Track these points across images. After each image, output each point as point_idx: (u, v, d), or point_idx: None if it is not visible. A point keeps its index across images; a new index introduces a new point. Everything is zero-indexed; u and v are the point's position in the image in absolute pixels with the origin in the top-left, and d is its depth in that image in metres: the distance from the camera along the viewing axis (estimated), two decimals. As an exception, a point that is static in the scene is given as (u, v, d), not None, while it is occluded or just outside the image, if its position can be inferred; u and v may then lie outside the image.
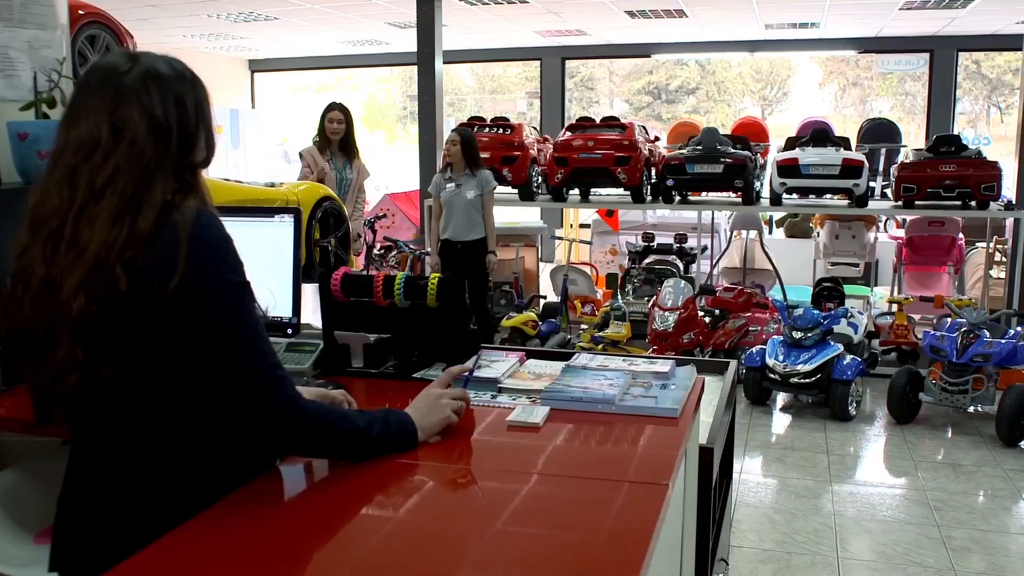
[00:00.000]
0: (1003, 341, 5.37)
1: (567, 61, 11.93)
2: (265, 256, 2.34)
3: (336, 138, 6.23)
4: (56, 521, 1.62)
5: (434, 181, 6.60)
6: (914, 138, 11.79)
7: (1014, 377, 5.49)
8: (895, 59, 11.18)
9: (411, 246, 7.47)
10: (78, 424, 1.58)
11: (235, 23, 9.27)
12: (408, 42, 10.45)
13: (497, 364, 2.28)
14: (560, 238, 8.22)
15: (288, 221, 2.36)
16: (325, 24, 9.36)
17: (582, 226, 11.13)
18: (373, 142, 25.46)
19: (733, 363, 2.69)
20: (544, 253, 9.42)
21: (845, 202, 6.90)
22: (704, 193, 7.52)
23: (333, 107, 6.25)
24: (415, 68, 7.90)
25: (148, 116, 1.46)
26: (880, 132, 9.15)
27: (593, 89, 27.90)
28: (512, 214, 10.02)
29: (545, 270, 9.40)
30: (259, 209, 2.93)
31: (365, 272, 2.43)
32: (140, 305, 1.40)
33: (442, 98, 7.99)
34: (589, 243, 8.68)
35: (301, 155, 6.26)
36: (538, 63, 13.07)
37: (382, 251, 7.89)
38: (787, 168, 6.64)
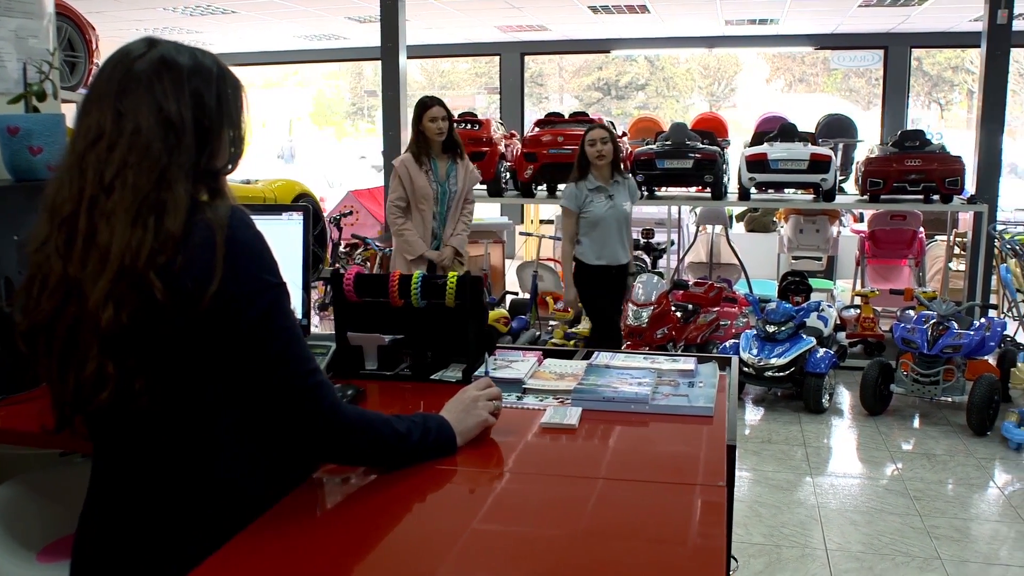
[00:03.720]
0: (971, 332, 5.47)
1: (526, 56, 11.90)
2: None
3: (441, 139, 5.07)
4: (77, 541, 1.53)
5: (569, 193, 5.23)
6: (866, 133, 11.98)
7: (981, 367, 5.60)
8: (850, 55, 11.36)
9: (378, 243, 7.37)
10: (105, 438, 1.48)
11: (191, 16, 9.07)
12: (367, 37, 10.36)
13: (517, 364, 2.24)
14: (529, 234, 8.19)
15: (297, 219, 2.29)
16: (283, 18, 9.21)
17: (543, 222, 11.13)
18: (322, 139, 25.17)
19: (735, 359, 2.68)
20: (506, 249, 9.39)
21: (808, 196, 6.98)
22: (666, 188, 7.53)
23: (432, 102, 5.02)
24: (365, 64, 7.80)
25: (158, 107, 1.36)
26: (837, 127, 9.27)
27: (543, 85, 27.97)
28: (477, 210, 9.97)
29: (511, 267, 9.37)
30: (267, 207, 2.83)
31: (333, 269, 2.37)
32: (176, 313, 1.32)
33: (406, 93, 7.90)
34: (558, 239, 8.64)
35: (394, 170, 5.15)
36: (497, 58, 13.03)
37: (348, 248, 7.78)
38: (756, 163, 6.69)
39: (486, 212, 9.91)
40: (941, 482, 4.62)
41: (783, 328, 5.85)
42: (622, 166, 5.20)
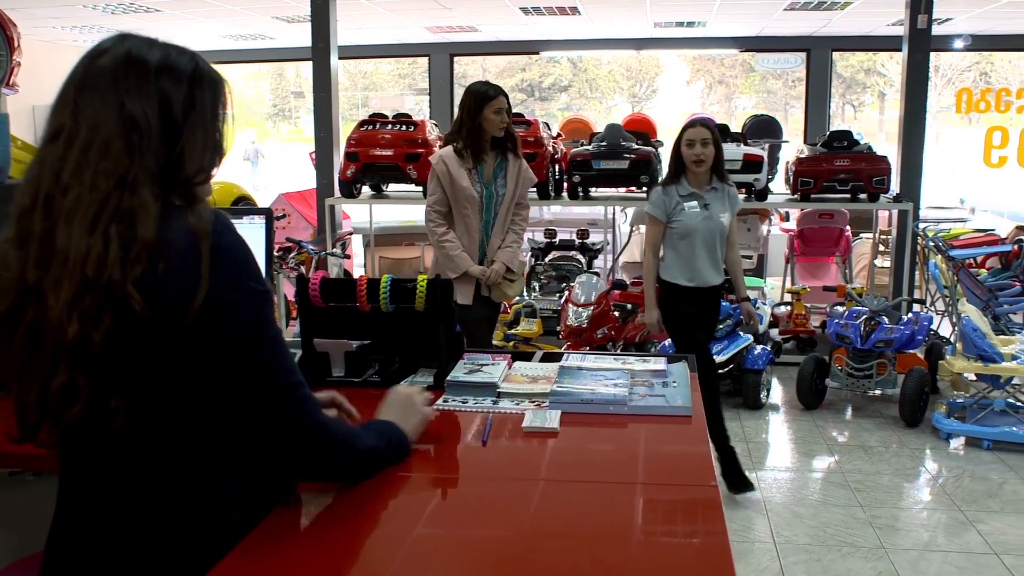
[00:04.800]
0: (901, 327, 5.64)
1: (455, 57, 11.85)
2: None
3: (501, 134, 4.22)
4: (46, 563, 1.45)
5: (657, 199, 4.35)
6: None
7: (910, 361, 5.77)
8: (773, 58, 11.62)
9: (312, 247, 7.25)
10: (75, 451, 1.39)
11: (112, 15, 8.79)
12: (295, 37, 10.19)
13: (488, 368, 2.22)
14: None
15: (259, 223, 2.24)
16: (209, 17, 9.00)
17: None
18: (244, 140, 24.75)
19: (692, 357, 2.70)
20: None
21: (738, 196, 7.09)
22: (597, 189, 7.56)
23: (495, 91, 4.16)
24: (286, 65, 7.67)
25: (120, 106, 1.28)
26: (763, 128, 9.47)
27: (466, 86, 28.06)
28: (406, 212, 9.91)
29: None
30: (228, 210, 2.75)
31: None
32: (158, 324, 1.26)
33: (338, 94, 7.80)
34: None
35: (432, 169, 4.29)
36: (423, 60, 12.94)
37: (281, 252, 7.65)
38: (691, 163, 6.77)
39: (418, 214, 9.85)
40: (879, 473, 4.75)
41: (721, 326, 5.94)
42: (722, 171, 4.35)
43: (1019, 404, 5.21)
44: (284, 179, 15.35)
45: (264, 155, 23.83)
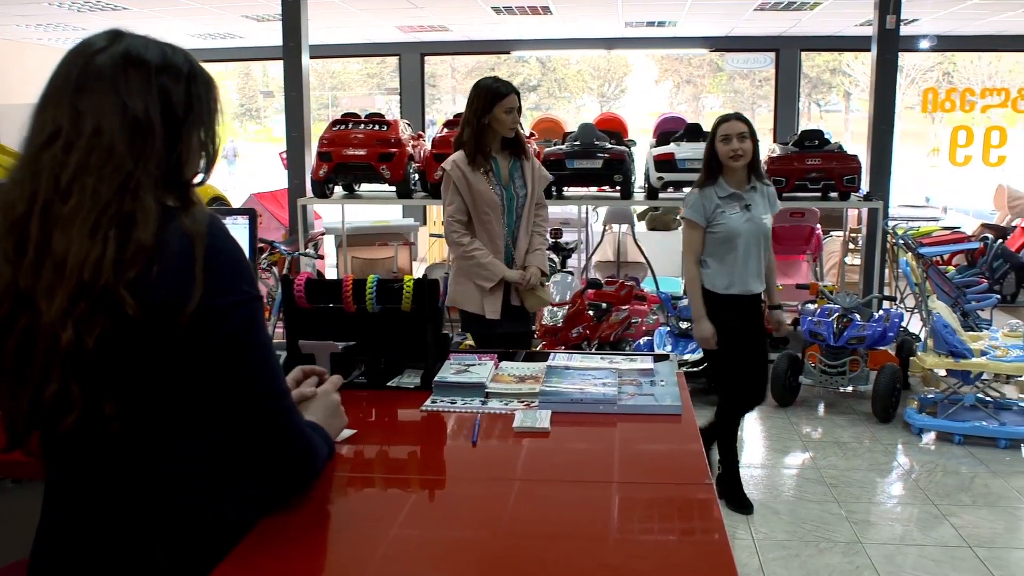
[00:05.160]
0: (873, 324, 5.70)
1: (426, 57, 11.83)
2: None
3: (511, 135, 3.97)
4: (31, 572, 1.42)
5: (695, 203, 4.03)
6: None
7: (882, 357, 5.84)
8: (743, 58, 11.72)
9: (284, 247, 7.19)
10: (63, 459, 1.36)
11: (78, 12, 8.66)
12: (264, 36, 10.12)
13: (475, 368, 2.21)
14: (439, 235, 8.13)
15: (243, 223, 2.22)
16: (178, 16, 8.90)
17: (446, 223, 11.07)
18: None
19: (675, 356, 2.72)
20: (413, 251, 9.33)
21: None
22: (570, 188, 7.57)
23: (507, 89, 3.88)
24: (253, 64, 7.61)
25: (122, 107, 1.25)
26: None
27: (436, 86, 27.97)
28: (376, 212, 9.88)
29: (418, 268, 9.31)
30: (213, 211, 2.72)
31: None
32: (151, 328, 1.23)
33: (309, 93, 7.74)
34: (467, 240, 8.62)
35: (446, 175, 3.94)
36: (392, 59, 12.90)
37: (252, 253, 7.58)
38: (664, 162, 6.82)
39: (390, 214, 9.84)
40: (854, 469, 4.80)
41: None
42: (759, 169, 4.03)
43: (989, 399, 5.29)
44: (253, 179, 15.23)
45: (240, 153, 23.62)
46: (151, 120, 1.27)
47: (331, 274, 8.80)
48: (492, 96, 3.84)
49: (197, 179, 1.38)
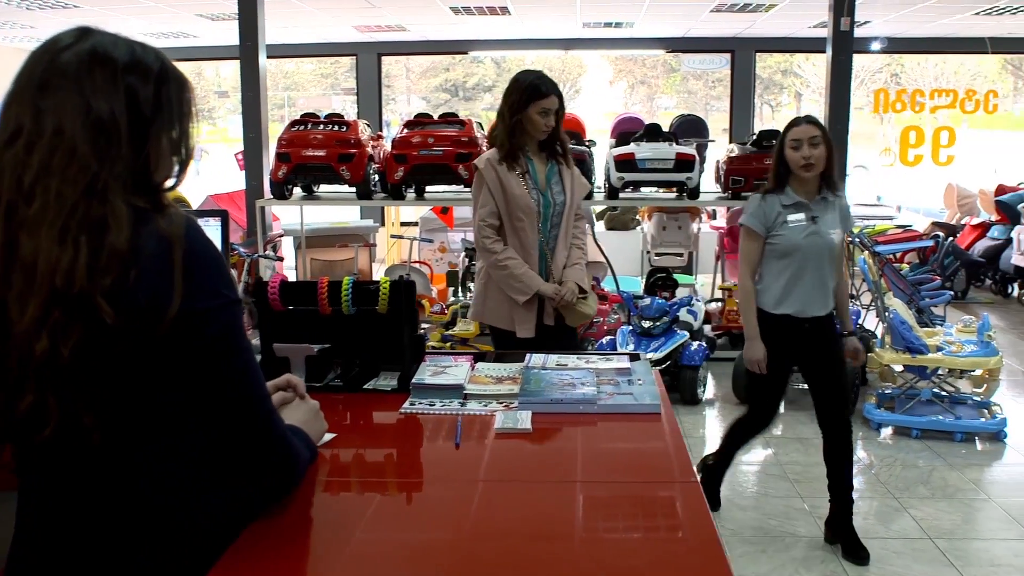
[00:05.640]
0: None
1: (383, 57, 11.77)
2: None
3: (545, 137, 3.57)
4: None
5: (755, 209, 3.65)
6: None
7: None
8: (699, 58, 11.82)
9: (244, 249, 7.11)
10: (39, 470, 1.32)
11: (27, 10, 8.47)
12: (219, 35, 9.99)
13: (452, 370, 2.21)
14: (400, 236, 8.11)
15: (215, 226, 2.19)
16: (130, 14, 8.75)
17: (404, 224, 11.05)
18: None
19: (644, 356, 2.74)
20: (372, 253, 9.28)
21: (670, 195, 7.21)
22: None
23: (547, 88, 3.49)
24: (205, 64, 7.50)
25: (86, 107, 1.21)
26: (690, 127, 9.62)
27: (390, 87, 27.87)
28: (333, 213, 9.81)
29: (378, 270, 9.26)
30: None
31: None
32: (130, 336, 1.20)
33: (267, 94, 7.66)
34: (430, 241, 8.62)
35: (478, 174, 3.59)
36: (347, 59, 12.84)
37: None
38: (624, 162, 6.85)
39: (346, 215, 9.79)
40: (816, 464, 4.84)
41: (658, 323, 6.02)
42: (833, 176, 3.61)
43: (944, 394, 5.40)
44: (209, 180, 15.02)
45: (208, 152, 23.20)
46: (116, 121, 1.23)
47: (290, 276, 8.72)
48: (529, 93, 3.46)
49: (169, 183, 1.35)
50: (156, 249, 1.23)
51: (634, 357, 2.36)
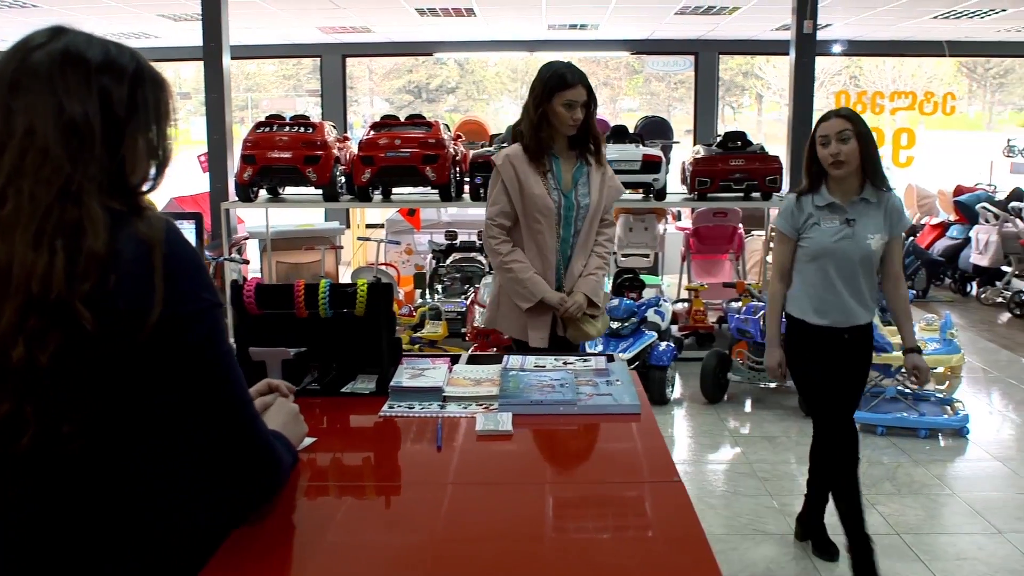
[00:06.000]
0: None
1: (348, 58, 11.71)
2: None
3: (572, 132, 3.31)
4: None
5: (786, 211, 3.47)
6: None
7: (806, 353, 5.99)
8: (663, 60, 11.90)
9: (209, 252, 7.03)
10: (12, 482, 1.27)
11: (-17, 10, 8.33)
12: (182, 36, 9.87)
13: (431, 372, 2.20)
14: (367, 239, 8.07)
15: (189, 228, 2.16)
16: (91, 14, 8.62)
17: (369, 226, 11.00)
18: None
19: (618, 356, 2.76)
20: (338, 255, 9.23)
21: (637, 196, 7.25)
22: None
23: (573, 77, 3.26)
24: (165, 64, 7.41)
25: (58, 108, 1.19)
26: (655, 129, 9.69)
27: (353, 88, 27.72)
28: (298, 216, 9.74)
29: (344, 272, 9.21)
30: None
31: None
32: (110, 342, 1.18)
33: (231, 95, 7.59)
34: (397, 243, 8.59)
35: (495, 170, 3.39)
36: (309, 61, 12.74)
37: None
38: (591, 164, 6.87)
39: (311, 218, 9.74)
40: (784, 462, 4.92)
41: (626, 324, 6.05)
42: (879, 174, 3.31)
43: (908, 391, 5.48)
44: (170, 182, 14.83)
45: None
46: (89, 122, 1.21)
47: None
48: (553, 84, 3.22)
49: (146, 186, 1.32)
50: (135, 253, 1.21)
51: (611, 358, 2.36)
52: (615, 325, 6.03)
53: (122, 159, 1.26)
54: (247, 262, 7.44)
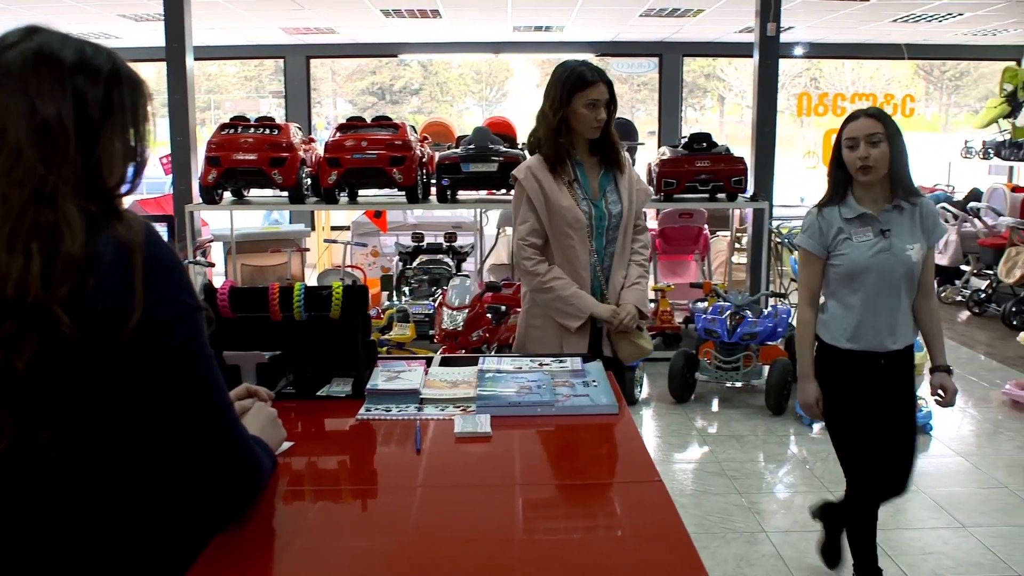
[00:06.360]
0: (765, 320, 5.92)
1: (312, 60, 11.63)
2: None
3: (596, 134, 3.07)
4: None
5: (811, 227, 3.05)
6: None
7: (772, 352, 6.06)
8: (628, 62, 11.96)
9: (173, 255, 6.92)
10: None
11: (-64, 11, 8.17)
12: (143, 36, 9.74)
13: (407, 375, 2.19)
14: (334, 241, 8.02)
15: (162, 231, 2.13)
16: (49, 13, 8.47)
17: (335, 228, 10.94)
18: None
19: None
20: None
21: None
22: (464, 191, 7.58)
23: (592, 75, 3.02)
24: (137, 66, 7.28)
25: (31, 109, 1.17)
26: (619, 130, 9.72)
27: (316, 90, 27.53)
28: (262, 218, 9.68)
29: (311, 275, 9.15)
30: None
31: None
32: (89, 346, 1.17)
33: (194, 97, 7.51)
34: (364, 245, 8.55)
35: (518, 185, 3.18)
36: (271, 62, 12.62)
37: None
38: (559, 166, 6.89)
39: (257, 220, 9.69)
40: (752, 460, 4.97)
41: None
42: (905, 180, 2.96)
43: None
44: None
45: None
46: (63, 123, 1.19)
47: (220, 282, 8.56)
48: (572, 84, 2.98)
49: (123, 188, 1.31)
50: (115, 256, 1.20)
51: (587, 359, 2.37)
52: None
53: (98, 161, 1.24)
54: (212, 265, 7.36)
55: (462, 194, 7.43)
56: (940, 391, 3.11)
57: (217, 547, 1.34)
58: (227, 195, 7.19)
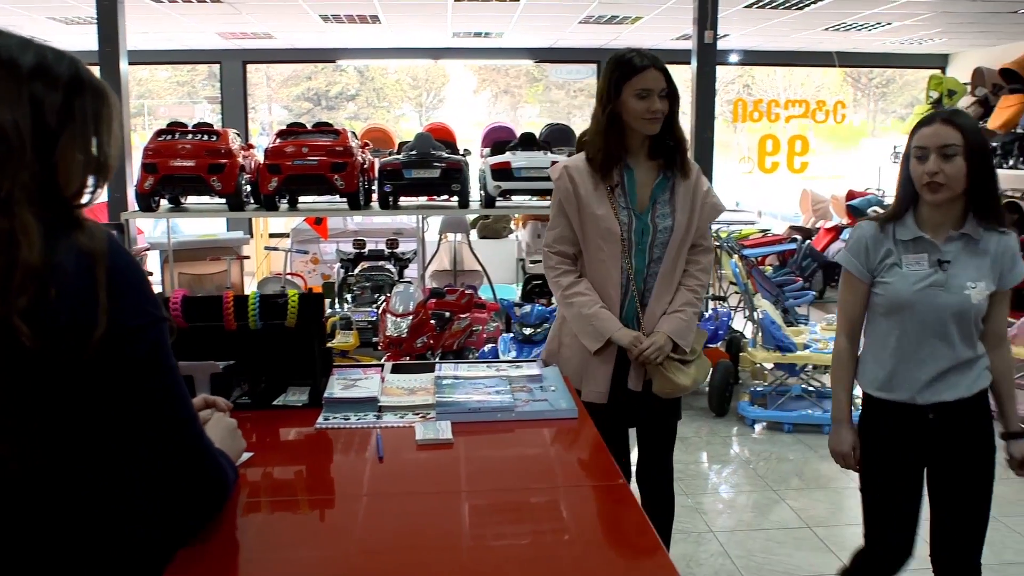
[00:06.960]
0: (706, 323, 6.01)
1: (248, 65, 11.48)
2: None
3: (654, 130, 2.61)
4: None
5: (857, 244, 2.52)
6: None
7: (714, 355, 6.15)
8: (566, 68, 12.06)
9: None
10: None
11: None
12: (74, 40, 9.50)
13: (363, 382, 2.18)
14: (275, 248, 7.92)
15: (115, 237, 2.09)
16: (-26, 17, 8.26)
17: (273, 235, 10.80)
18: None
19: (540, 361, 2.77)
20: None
21: (545, 203, 7.31)
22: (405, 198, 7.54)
23: (643, 60, 2.60)
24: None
25: None
26: (559, 136, 9.80)
27: (251, 95, 27.16)
28: (198, 226, 9.50)
29: (250, 283, 9.01)
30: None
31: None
32: (50, 359, 1.14)
33: (129, 102, 7.36)
34: (304, 252, 8.45)
35: (555, 186, 2.77)
36: (204, 67, 12.43)
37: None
38: (501, 171, 6.91)
39: (214, 228, 9.52)
40: (696, 461, 5.04)
41: (539, 330, 6.10)
42: (987, 204, 2.38)
43: (812, 388, 5.69)
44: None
45: None
46: (19, 130, 1.16)
47: (156, 291, 8.38)
48: (620, 73, 2.58)
49: (84, 198, 1.27)
50: (77, 266, 1.17)
51: (546, 363, 2.39)
52: (527, 331, 6.08)
53: (55, 168, 1.21)
54: (150, 274, 7.21)
55: (404, 200, 7.40)
56: (1018, 462, 2.51)
57: (182, 561, 1.32)
58: (164, 202, 7.05)
